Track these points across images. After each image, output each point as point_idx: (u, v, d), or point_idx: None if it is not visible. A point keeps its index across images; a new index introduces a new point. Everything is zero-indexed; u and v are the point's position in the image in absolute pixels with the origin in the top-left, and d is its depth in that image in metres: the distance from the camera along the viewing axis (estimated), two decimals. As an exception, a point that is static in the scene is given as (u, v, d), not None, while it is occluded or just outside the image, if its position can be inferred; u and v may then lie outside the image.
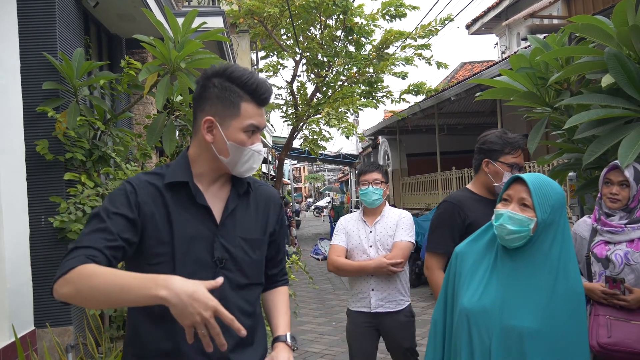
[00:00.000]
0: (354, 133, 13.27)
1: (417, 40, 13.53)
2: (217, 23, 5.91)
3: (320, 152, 14.70)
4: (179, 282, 1.23)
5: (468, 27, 16.03)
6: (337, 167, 41.44)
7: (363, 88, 13.65)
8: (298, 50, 13.15)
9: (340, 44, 13.22)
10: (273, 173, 20.97)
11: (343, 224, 3.36)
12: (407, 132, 15.80)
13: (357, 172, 3.45)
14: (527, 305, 1.73)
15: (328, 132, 13.84)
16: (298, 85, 14.17)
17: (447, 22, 13.28)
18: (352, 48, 13.31)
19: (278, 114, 14.95)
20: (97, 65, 3.61)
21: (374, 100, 13.64)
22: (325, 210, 33.47)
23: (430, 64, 13.79)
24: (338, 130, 12.40)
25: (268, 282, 1.75)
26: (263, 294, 1.77)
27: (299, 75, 14.06)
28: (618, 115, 2.53)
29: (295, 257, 4.63)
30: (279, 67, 14.31)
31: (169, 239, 1.49)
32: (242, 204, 1.62)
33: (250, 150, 1.54)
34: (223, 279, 1.31)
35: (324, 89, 13.60)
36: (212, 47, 6.08)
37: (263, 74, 14.29)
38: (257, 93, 1.53)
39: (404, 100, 13.58)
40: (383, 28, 13.57)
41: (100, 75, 3.74)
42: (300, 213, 32.43)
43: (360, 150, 25.39)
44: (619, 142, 2.41)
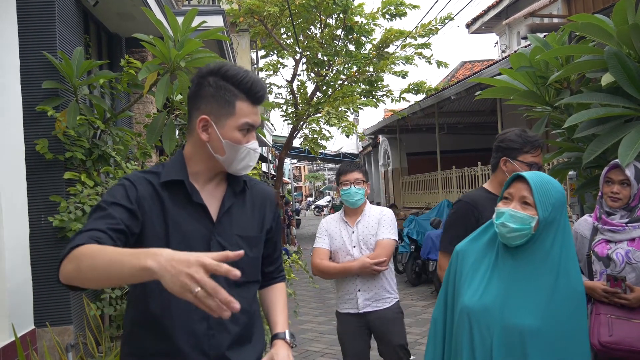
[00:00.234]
0: (354, 132, 13.29)
1: (417, 39, 13.53)
2: (217, 22, 5.91)
3: (321, 151, 14.69)
4: (168, 251, 1.15)
5: (468, 26, 16.02)
6: (337, 166, 41.40)
7: (363, 87, 13.66)
8: (298, 49, 13.15)
9: (341, 43, 13.23)
10: (273, 172, 20.97)
11: (325, 226, 3.32)
12: (407, 131, 15.78)
13: (336, 172, 3.40)
14: (528, 304, 1.73)
15: (328, 131, 13.89)
16: (298, 84, 14.19)
17: (447, 21, 13.28)
18: (352, 47, 13.32)
19: (278, 113, 14.92)
20: (96, 64, 3.61)
21: (374, 99, 13.66)
22: (326, 209, 33.49)
23: (431, 63, 13.79)
24: (338, 129, 12.42)
25: (265, 279, 1.75)
26: (260, 291, 1.77)
27: (299, 74, 14.10)
28: (618, 114, 2.53)
29: (296, 256, 4.63)
30: (279, 66, 14.33)
31: (165, 237, 1.49)
32: (238, 202, 1.62)
33: (246, 149, 1.54)
34: (244, 251, 1.22)
35: (324, 88, 13.60)
36: (212, 46, 6.07)
37: (263, 73, 14.31)
38: (251, 92, 1.53)
39: (404, 99, 13.59)
40: (383, 27, 13.51)
41: (100, 74, 3.74)
42: (301, 212, 32.46)
43: (361, 149, 25.35)
44: (619, 140, 2.42)
